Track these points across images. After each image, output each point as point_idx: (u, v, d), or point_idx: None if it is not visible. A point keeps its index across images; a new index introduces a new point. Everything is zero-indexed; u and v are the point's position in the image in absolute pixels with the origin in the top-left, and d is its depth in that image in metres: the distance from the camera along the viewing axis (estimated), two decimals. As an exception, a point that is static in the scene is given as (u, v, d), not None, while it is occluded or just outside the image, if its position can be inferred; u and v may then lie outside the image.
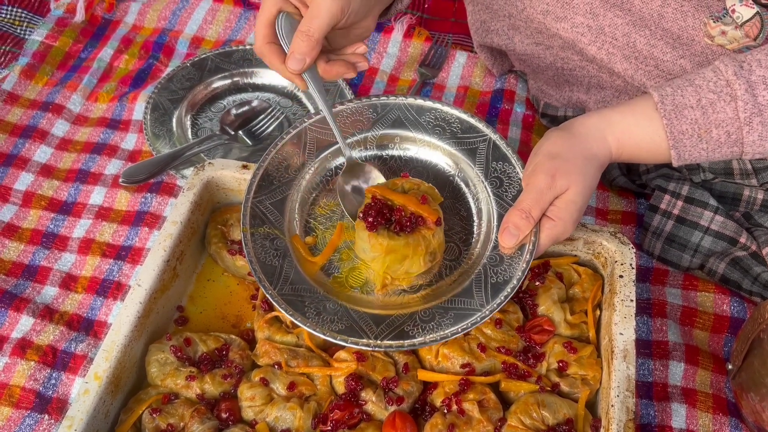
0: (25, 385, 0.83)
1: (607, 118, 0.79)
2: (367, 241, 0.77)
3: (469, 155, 0.86)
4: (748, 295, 0.91)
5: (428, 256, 0.78)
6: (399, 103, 0.89)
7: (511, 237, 0.76)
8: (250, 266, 0.77)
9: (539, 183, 0.75)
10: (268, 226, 0.80)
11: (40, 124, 1.08)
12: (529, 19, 0.97)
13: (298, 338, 0.81)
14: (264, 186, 0.83)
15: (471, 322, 0.74)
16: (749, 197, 0.96)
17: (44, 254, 0.95)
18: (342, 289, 0.79)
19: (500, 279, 0.77)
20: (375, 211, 0.78)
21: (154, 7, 1.24)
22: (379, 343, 0.73)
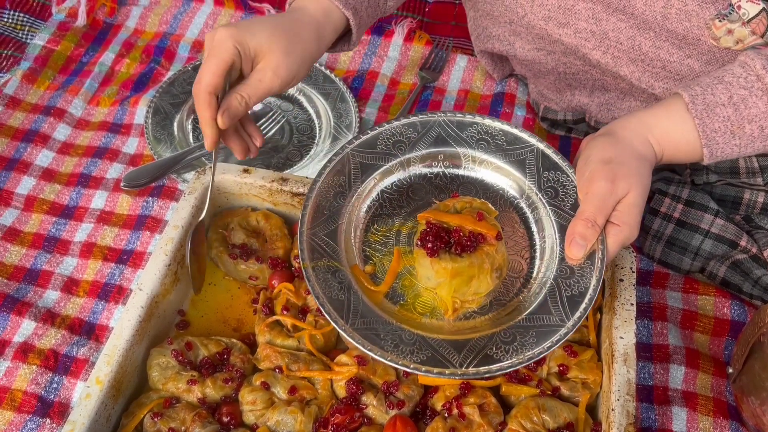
0: (27, 389, 0.83)
1: (644, 122, 0.78)
2: (430, 268, 0.75)
3: (518, 167, 0.84)
4: (748, 298, 0.91)
5: (494, 273, 0.77)
6: (439, 120, 0.86)
7: (579, 248, 0.74)
8: (317, 302, 0.74)
9: (600, 190, 0.74)
10: (327, 259, 0.78)
11: (41, 128, 1.09)
12: (530, 26, 0.97)
13: (299, 342, 0.81)
14: (315, 217, 0.80)
15: (555, 340, 0.72)
16: (749, 200, 0.96)
17: (46, 258, 0.95)
18: (412, 316, 0.77)
19: (575, 291, 0.75)
20: (432, 235, 0.76)
21: (155, 12, 1.24)
22: (468, 371, 0.71)
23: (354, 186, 0.83)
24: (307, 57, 0.78)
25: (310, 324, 0.82)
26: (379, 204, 0.84)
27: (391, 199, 0.84)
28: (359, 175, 0.84)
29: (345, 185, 0.83)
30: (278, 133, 1.09)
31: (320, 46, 0.80)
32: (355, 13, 0.82)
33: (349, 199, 0.83)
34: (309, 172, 1.03)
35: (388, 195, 0.84)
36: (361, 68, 1.19)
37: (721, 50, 0.85)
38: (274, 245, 0.89)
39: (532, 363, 0.74)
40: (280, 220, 0.91)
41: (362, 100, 1.14)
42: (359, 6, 0.83)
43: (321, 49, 0.81)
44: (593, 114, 1.05)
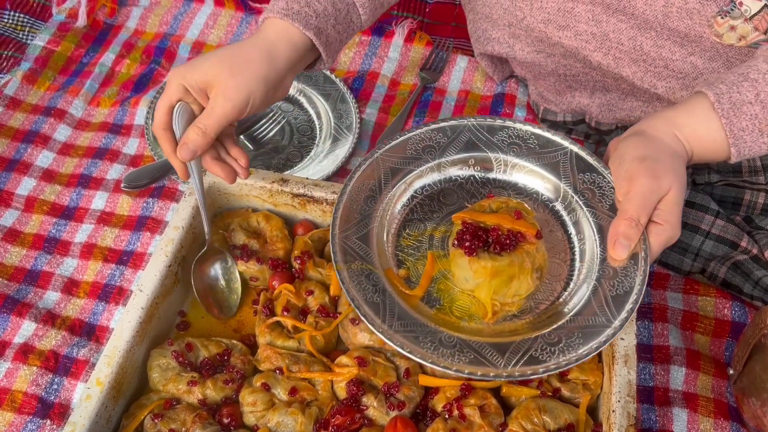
0: (27, 391, 0.83)
1: (671, 121, 0.77)
2: (468, 268, 0.74)
3: (552, 170, 0.83)
4: (749, 299, 0.91)
5: (535, 273, 0.75)
6: (468, 125, 0.86)
7: (623, 249, 0.73)
8: (353, 304, 0.73)
9: (642, 188, 0.73)
10: (360, 262, 0.77)
11: (42, 129, 1.09)
12: (529, 28, 0.97)
13: (300, 343, 0.81)
14: (347, 220, 0.79)
15: (603, 340, 0.71)
16: (750, 201, 0.96)
17: (46, 259, 0.95)
18: (449, 320, 0.76)
19: (619, 291, 0.74)
20: (470, 234, 0.75)
21: (155, 12, 1.24)
22: (513, 371, 0.69)
23: (384, 190, 0.83)
24: (257, 76, 0.77)
25: (311, 325, 0.81)
26: (410, 208, 0.83)
27: (422, 203, 0.84)
28: (390, 179, 0.83)
29: (375, 189, 0.82)
30: (278, 134, 1.09)
31: (274, 64, 0.79)
32: (318, 32, 0.81)
33: (380, 203, 0.82)
34: (309, 173, 1.03)
35: (419, 200, 0.84)
36: (361, 69, 1.19)
37: (724, 46, 0.85)
38: (274, 246, 0.89)
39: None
40: (281, 221, 0.91)
41: (362, 101, 1.14)
42: (324, 25, 0.82)
43: (276, 67, 0.79)
44: (594, 115, 1.05)
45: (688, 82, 0.91)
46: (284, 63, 0.80)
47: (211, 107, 0.77)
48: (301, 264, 0.87)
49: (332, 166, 1.03)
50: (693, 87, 0.91)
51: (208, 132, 0.76)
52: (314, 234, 0.90)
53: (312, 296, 0.85)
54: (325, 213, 0.91)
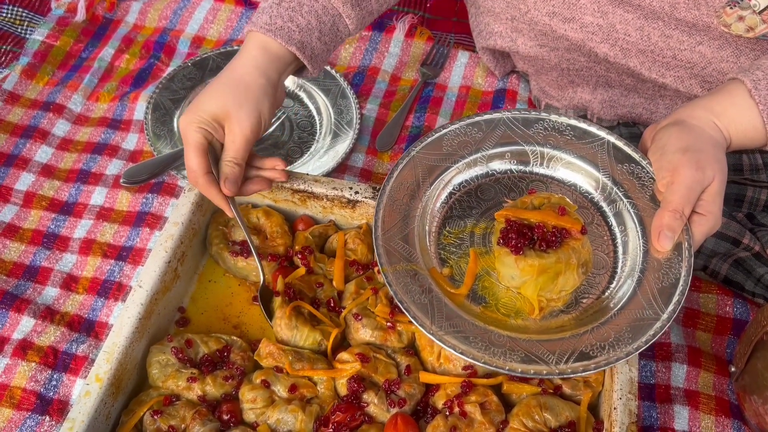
0: (26, 387, 0.83)
1: (710, 109, 0.77)
2: (515, 267, 0.74)
3: (590, 162, 0.83)
4: (750, 296, 0.91)
5: (581, 268, 0.75)
6: (503, 118, 0.85)
7: (668, 240, 0.73)
8: (402, 306, 0.73)
9: (686, 178, 0.72)
10: (405, 263, 0.76)
11: (41, 124, 1.08)
12: (533, 22, 0.96)
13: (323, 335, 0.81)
14: (388, 221, 0.79)
15: (652, 333, 0.71)
16: (752, 198, 0.96)
17: (45, 255, 0.95)
18: (497, 317, 0.75)
19: (665, 283, 0.74)
20: (515, 233, 0.74)
21: (155, 7, 1.23)
22: (565, 368, 0.69)
23: (423, 188, 0.82)
24: (259, 96, 0.80)
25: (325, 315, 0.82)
26: (449, 206, 0.83)
27: (461, 200, 0.83)
28: (427, 177, 0.83)
29: (414, 188, 0.82)
30: (279, 130, 1.09)
31: (269, 79, 0.81)
32: (302, 47, 0.83)
33: (420, 201, 0.81)
34: (309, 168, 1.03)
35: (457, 196, 0.84)
36: (361, 64, 1.18)
37: (733, 36, 0.85)
38: (274, 242, 0.89)
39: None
40: (281, 217, 0.91)
41: (363, 97, 1.14)
42: (308, 39, 0.83)
43: (271, 80, 0.82)
44: (595, 111, 1.04)
45: (696, 71, 0.91)
46: (275, 74, 0.83)
47: (231, 141, 0.79)
48: (302, 259, 0.87)
49: (332, 162, 1.03)
50: (701, 76, 0.91)
51: (238, 161, 0.80)
52: (315, 229, 0.90)
53: (321, 289, 0.85)
54: (325, 209, 0.91)
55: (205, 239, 0.91)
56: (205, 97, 0.80)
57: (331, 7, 0.85)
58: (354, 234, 0.89)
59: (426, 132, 1.10)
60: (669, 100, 0.98)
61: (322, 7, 0.85)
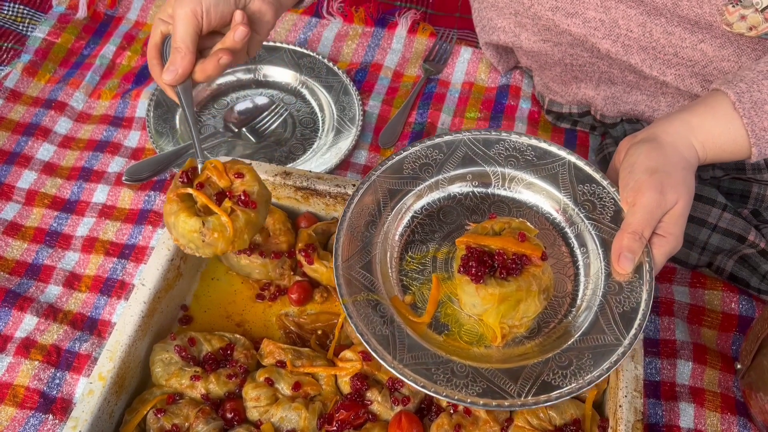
0: (29, 385, 0.83)
1: (687, 123, 0.76)
2: (476, 295, 0.73)
3: (551, 182, 0.82)
4: (756, 293, 0.90)
5: (542, 294, 0.74)
6: (464, 139, 0.85)
7: (628, 262, 0.73)
8: (362, 339, 0.71)
9: (648, 201, 0.72)
10: (366, 292, 0.75)
11: (42, 121, 1.08)
12: (536, 17, 0.96)
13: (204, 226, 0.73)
14: (349, 249, 0.78)
15: (614, 360, 0.70)
16: (758, 194, 0.95)
17: (48, 253, 0.95)
18: (459, 345, 0.75)
19: (626, 307, 0.73)
20: (475, 260, 0.73)
21: (156, 4, 1.23)
22: (527, 400, 0.69)
23: (384, 213, 0.81)
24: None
25: (225, 210, 0.75)
26: (411, 230, 0.82)
27: (423, 223, 0.82)
28: (388, 201, 0.82)
29: (375, 213, 0.81)
30: (281, 127, 1.09)
31: None
32: None
33: (381, 227, 0.80)
34: (312, 165, 1.02)
35: (419, 220, 0.83)
36: (364, 60, 1.17)
37: (734, 34, 0.84)
38: (277, 239, 0.89)
39: None
40: (284, 215, 0.90)
41: (365, 93, 1.13)
42: None
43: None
44: (599, 107, 1.04)
45: (697, 70, 0.90)
46: None
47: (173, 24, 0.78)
48: (306, 257, 0.86)
49: (335, 159, 1.03)
50: (702, 74, 0.90)
51: (178, 45, 0.77)
52: (318, 226, 0.90)
53: (241, 180, 0.78)
54: (328, 206, 0.90)
55: (207, 237, 0.91)
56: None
57: None
58: (357, 231, 0.88)
59: (429, 129, 1.09)
60: (671, 97, 0.97)
61: None
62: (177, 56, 0.78)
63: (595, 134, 1.09)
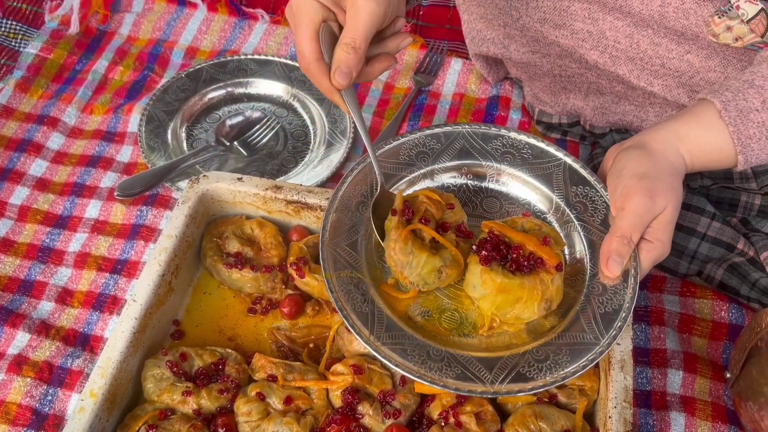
0: (22, 402, 0.83)
1: (674, 131, 0.77)
2: (479, 276, 0.73)
3: (545, 181, 0.83)
4: (746, 301, 0.91)
5: (543, 303, 0.74)
6: (463, 132, 0.85)
7: (617, 266, 0.73)
8: (341, 314, 0.72)
9: (638, 206, 0.72)
10: (350, 270, 0.76)
11: (35, 137, 1.08)
12: (525, 28, 0.96)
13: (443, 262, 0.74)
14: (337, 227, 0.78)
15: (591, 358, 0.71)
16: (746, 202, 0.96)
17: (40, 269, 0.95)
18: (438, 331, 0.75)
19: (608, 309, 0.74)
20: (491, 245, 0.74)
21: (148, 18, 1.24)
22: (500, 388, 0.69)
23: (375, 195, 0.81)
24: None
25: (451, 242, 0.77)
26: None
27: None
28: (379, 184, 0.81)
29: (367, 195, 0.81)
30: (273, 140, 1.09)
31: None
32: None
33: (370, 209, 0.80)
34: (304, 179, 1.03)
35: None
36: (355, 73, 1.18)
37: (721, 45, 0.85)
38: (268, 253, 0.89)
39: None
40: (275, 228, 0.91)
41: (357, 105, 1.14)
42: None
43: None
44: (588, 118, 1.04)
45: (684, 80, 0.91)
46: None
47: (352, 17, 0.67)
48: (297, 270, 0.87)
49: (327, 172, 1.03)
50: (689, 85, 0.91)
51: (359, 47, 0.67)
52: (309, 240, 0.90)
53: (452, 211, 0.80)
54: (320, 219, 0.91)
55: (199, 251, 0.91)
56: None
57: None
58: (348, 244, 0.89)
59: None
60: (659, 107, 0.98)
61: None
62: (353, 57, 0.67)
63: (585, 144, 1.09)
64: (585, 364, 0.71)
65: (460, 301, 0.78)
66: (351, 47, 0.67)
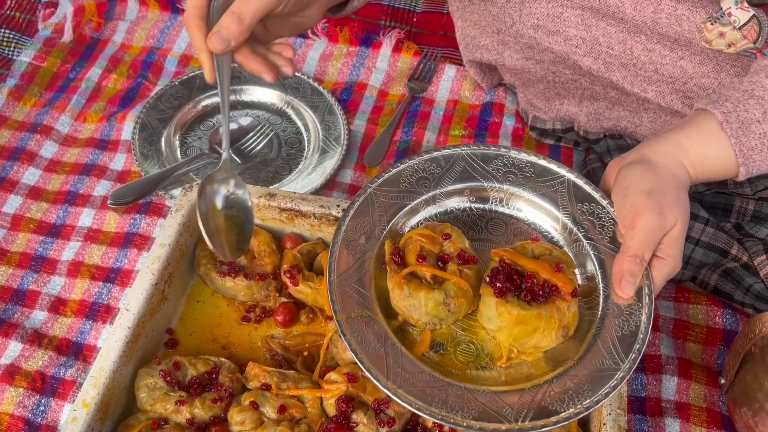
0: (14, 413, 0.82)
1: (676, 143, 0.76)
2: (494, 309, 0.72)
3: (550, 200, 0.81)
4: (740, 306, 0.91)
5: (561, 330, 0.72)
6: (462, 154, 0.83)
7: (630, 286, 0.72)
8: (355, 357, 0.69)
9: (649, 223, 0.71)
10: (360, 309, 0.73)
11: (28, 145, 1.08)
12: (518, 35, 0.97)
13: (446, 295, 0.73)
14: (344, 264, 0.76)
15: (613, 385, 0.69)
16: (740, 207, 0.96)
17: (33, 278, 0.95)
18: (455, 366, 0.73)
19: (626, 331, 0.72)
20: (504, 276, 0.72)
21: (142, 26, 1.24)
22: (524, 425, 0.66)
23: (380, 227, 0.79)
24: None
25: (454, 273, 0.75)
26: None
27: None
28: (384, 215, 0.80)
29: (371, 227, 0.79)
30: (267, 147, 1.09)
31: None
32: None
33: (376, 243, 0.78)
34: (298, 186, 1.03)
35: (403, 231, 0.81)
36: (349, 80, 1.18)
37: (714, 51, 0.85)
38: (262, 261, 0.89)
39: None
40: (269, 236, 0.91)
41: (351, 112, 1.14)
42: None
43: None
44: (582, 124, 1.05)
45: (678, 86, 0.91)
46: None
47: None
48: (291, 278, 0.86)
49: (321, 179, 1.03)
50: (683, 91, 0.91)
51: (244, 18, 0.66)
52: (303, 247, 0.90)
53: (449, 240, 0.78)
54: (313, 227, 0.91)
55: (193, 259, 0.91)
56: None
57: None
58: (342, 251, 0.88)
59: (414, 147, 1.10)
60: (653, 113, 0.98)
61: None
62: (235, 26, 0.66)
63: (579, 150, 1.10)
64: (608, 391, 0.68)
65: (474, 331, 0.76)
66: (237, 16, 0.66)
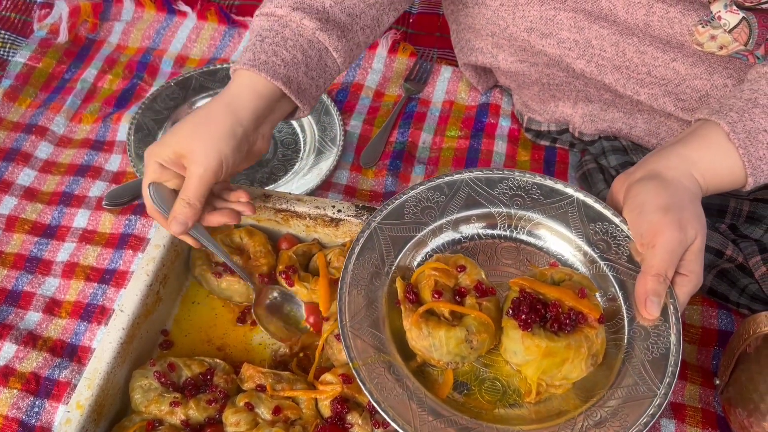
0: (8, 414, 0.82)
1: (685, 157, 0.75)
2: (520, 343, 0.68)
3: (561, 221, 0.78)
4: (735, 306, 0.91)
5: (590, 359, 0.69)
6: (465, 179, 0.80)
7: (655, 306, 0.70)
8: (379, 408, 0.66)
9: (669, 241, 0.69)
10: (377, 353, 0.69)
11: (23, 146, 1.08)
12: (512, 38, 0.97)
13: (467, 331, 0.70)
14: (354, 306, 0.72)
15: (652, 413, 0.66)
16: (735, 208, 0.96)
17: (28, 279, 0.94)
18: (482, 406, 0.70)
19: (656, 354, 0.69)
20: (527, 306, 0.69)
21: (138, 27, 1.23)
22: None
23: (388, 263, 0.76)
24: (221, 133, 0.75)
25: (473, 307, 0.72)
26: None
27: None
28: (391, 249, 0.77)
29: (379, 264, 0.76)
30: (262, 148, 1.09)
31: (237, 117, 0.76)
32: (288, 81, 0.78)
33: (386, 280, 0.75)
34: (294, 186, 1.03)
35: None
36: (345, 81, 1.18)
37: (706, 53, 0.85)
38: (257, 262, 0.89)
39: None
40: (264, 237, 0.90)
41: (347, 113, 1.14)
42: (294, 73, 0.79)
43: (240, 119, 0.76)
44: (576, 125, 1.05)
45: (671, 89, 0.91)
46: (249, 113, 0.77)
47: (187, 177, 0.76)
48: (286, 279, 0.86)
49: (317, 179, 1.03)
50: (675, 93, 0.91)
51: (192, 202, 0.76)
52: (298, 248, 0.90)
53: (464, 273, 0.75)
54: (309, 227, 0.91)
55: (188, 260, 0.91)
56: (173, 131, 0.77)
57: (317, 41, 0.81)
58: (338, 252, 0.88)
59: (410, 147, 1.10)
60: (647, 114, 0.99)
61: (308, 42, 0.81)
62: (188, 210, 0.76)
63: (574, 151, 1.10)
64: (647, 420, 0.66)
65: (497, 367, 0.73)
66: (186, 203, 0.76)
